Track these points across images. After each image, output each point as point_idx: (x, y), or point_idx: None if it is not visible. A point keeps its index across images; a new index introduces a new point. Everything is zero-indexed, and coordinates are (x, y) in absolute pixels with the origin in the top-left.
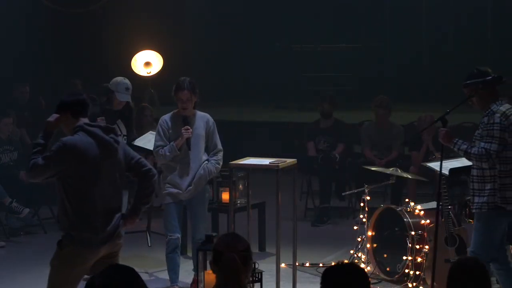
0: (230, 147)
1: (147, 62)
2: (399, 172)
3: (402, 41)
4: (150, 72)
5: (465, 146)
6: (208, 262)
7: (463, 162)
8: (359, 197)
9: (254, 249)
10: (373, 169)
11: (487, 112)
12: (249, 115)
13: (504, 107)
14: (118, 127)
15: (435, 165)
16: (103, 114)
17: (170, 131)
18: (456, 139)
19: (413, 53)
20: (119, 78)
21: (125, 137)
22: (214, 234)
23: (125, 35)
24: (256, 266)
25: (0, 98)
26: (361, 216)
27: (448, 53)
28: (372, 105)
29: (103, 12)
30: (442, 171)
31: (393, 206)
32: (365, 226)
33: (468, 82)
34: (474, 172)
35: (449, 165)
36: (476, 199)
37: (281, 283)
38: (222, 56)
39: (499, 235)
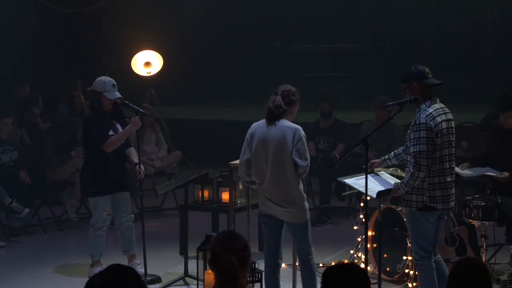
0: (230, 147)
1: (147, 62)
2: (399, 172)
3: (402, 41)
4: (150, 72)
5: (404, 182)
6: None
7: (383, 179)
8: (359, 197)
9: (254, 249)
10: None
11: (416, 111)
12: (249, 115)
13: (432, 108)
14: (117, 128)
15: (352, 182)
16: (100, 119)
17: None
18: (398, 187)
19: (413, 53)
20: (102, 78)
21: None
22: (214, 234)
23: (125, 35)
24: (256, 266)
25: (0, 98)
26: (361, 216)
27: (448, 52)
28: (372, 106)
29: (103, 12)
30: (369, 193)
31: (393, 206)
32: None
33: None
34: (407, 170)
35: (372, 184)
36: (405, 196)
37: (281, 283)
38: (222, 56)
39: (432, 231)
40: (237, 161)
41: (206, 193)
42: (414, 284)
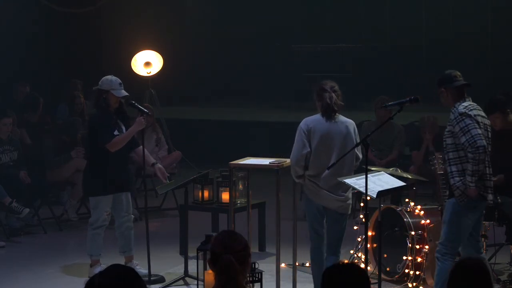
0: (230, 147)
1: (147, 62)
2: (399, 172)
3: (402, 40)
4: (150, 72)
5: (468, 175)
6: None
7: (383, 179)
8: (359, 197)
9: (254, 249)
10: (373, 169)
11: (452, 109)
12: (249, 115)
13: (464, 105)
14: (122, 128)
15: (352, 182)
16: (106, 118)
17: None
18: (467, 184)
19: (413, 53)
20: (109, 77)
21: None
22: (214, 234)
23: (125, 35)
24: (256, 266)
25: (0, 98)
26: (361, 216)
27: (448, 52)
28: (373, 106)
29: (103, 12)
30: (369, 193)
31: (393, 206)
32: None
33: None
34: (450, 155)
35: (372, 184)
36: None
37: (281, 283)
38: (222, 56)
39: (467, 231)
40: (237, 161)
41: (206, 193)
42: (414, 284)
